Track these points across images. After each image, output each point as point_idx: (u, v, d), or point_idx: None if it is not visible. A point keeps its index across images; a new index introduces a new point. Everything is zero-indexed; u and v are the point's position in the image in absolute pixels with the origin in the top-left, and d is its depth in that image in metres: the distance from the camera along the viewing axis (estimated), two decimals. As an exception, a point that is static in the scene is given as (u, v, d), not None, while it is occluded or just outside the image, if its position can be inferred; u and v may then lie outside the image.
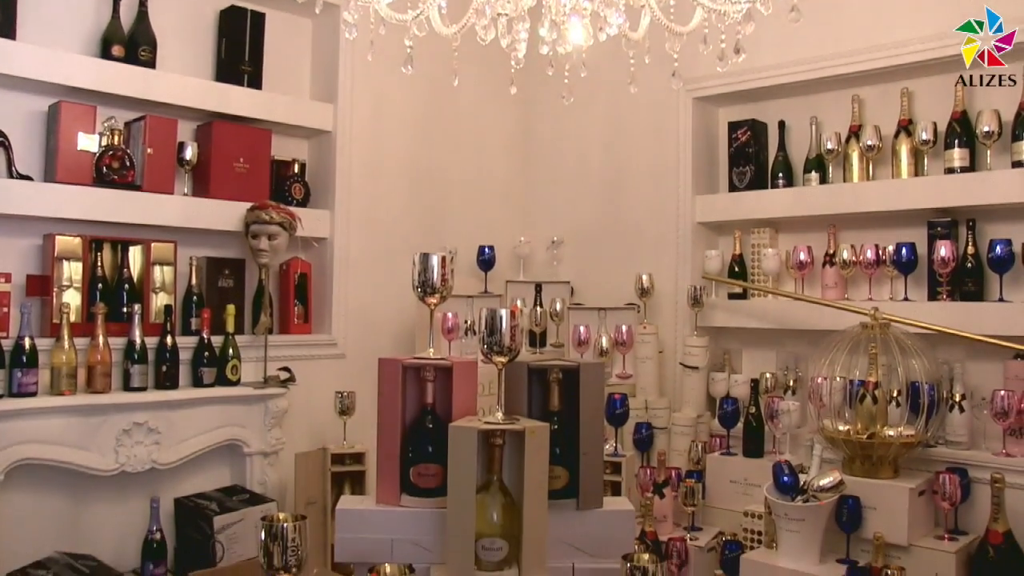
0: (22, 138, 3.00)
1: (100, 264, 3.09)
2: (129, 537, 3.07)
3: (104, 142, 3.08)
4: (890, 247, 3.30)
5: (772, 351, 3.72)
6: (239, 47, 3.48)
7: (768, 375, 3.46)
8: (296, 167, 3.71)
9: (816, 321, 3.38)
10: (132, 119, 3.21)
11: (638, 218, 4.08)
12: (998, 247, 3.01)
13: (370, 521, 1.96)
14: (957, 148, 3.14)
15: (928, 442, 2.99)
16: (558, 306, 3.86)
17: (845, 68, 3.41)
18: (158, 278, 3.19)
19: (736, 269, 3.77)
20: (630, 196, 4.12)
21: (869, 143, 3.39)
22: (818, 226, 3.56)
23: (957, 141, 3.14)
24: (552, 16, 1.96)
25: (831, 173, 3.54)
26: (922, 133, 3.23)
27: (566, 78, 2.19)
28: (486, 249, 4.02)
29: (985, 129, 3.05)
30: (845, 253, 3.42)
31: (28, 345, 2.78)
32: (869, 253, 3.34)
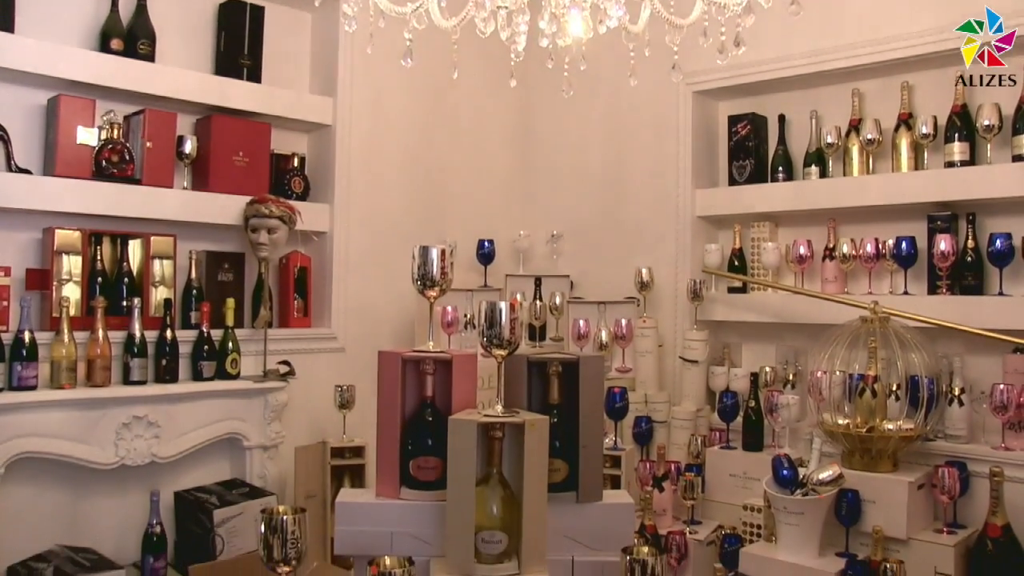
0: (21, 132, 3.00)
1: (100, 258, 3.09)
2: (129, 530, 3.07)
3: (103, 136, 3.07)
4: (890, 241, 3.29)
5: (772, 345, 3.72)
6: (238, 41, 3.47)
7: (768, 369, 3.45)
8: (296, 161, 3.70)
9: (816, 315, 3.38)
10: (131, 113, 3.21)
11: (638, 212, 4.07)
12: (998, 241, 3.01)
13: (370, 514, 1.96)
14: (957, 142, 3.14)
15: (927, 436, 3.00)
16: (558, 300, 3.86)
17: (845, 62, 3.40)
18: (158, 272, 3.19)
19: (736, 263, 3.76)
20: (630, 190, 4.12)
21: (869, 137, 3.38)
22: (818, 220, 3.56)
23: (957, 135, 3.14)
24: (552, 9, 1.96)
25: (831, 167, 3.54)
26: (922, 127, 3.23)
27: (566, 71, 2.19)
28: (485, 243, 4.02)
29: (985, 123, 3.05)
30: (845, 247, 3.42)
31: (28, 339, 2.78)
32: (869, 247, 3.34)
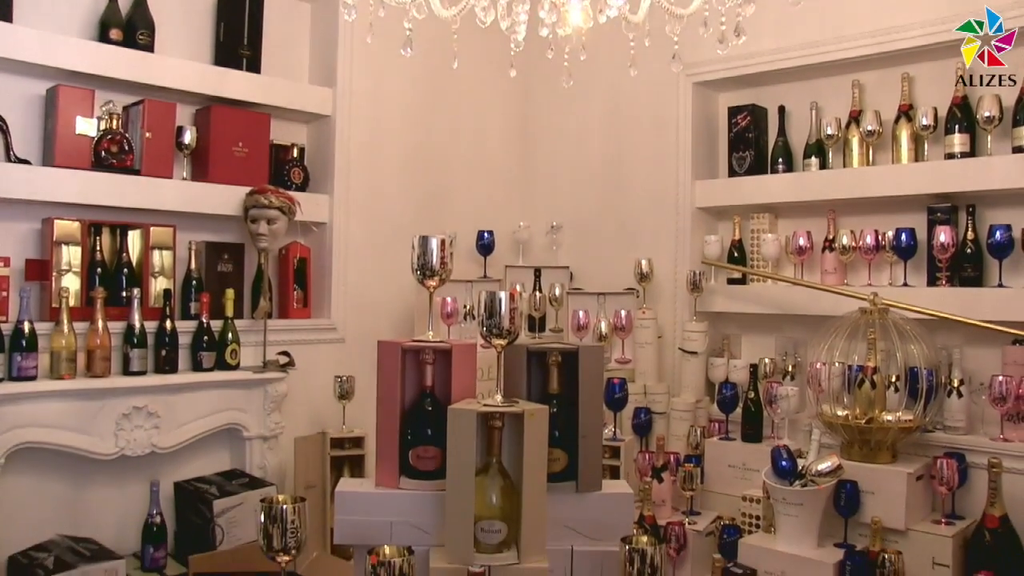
0: (20, 122, 2.99)
1: (99, 248, 3.09)
2: (129, 520, 3.08)
3: (102, 126, 3.06)
4: (890, 232, 3.29)
5: (771, 336, 3.72)
6: (238, 31, 3.46)
7: (767, 360, 3.46)
8: (295, 151, 3.70)
9: (815, 306, 3.38)
10: (130, 103, 3.20)
11: (637, 203, 4.07)
12: (998, 232, 3.00)
13: (369, 503, 1.96)
14: (958, 133, 3.13)
15: (926, 427, 3.00)
16: (557, 291, 3.87)
17: (845, 53, 3.39)
18: (157, 262, 3.19)
19: (735, 254, 3.76)
20: (630, 181, 4.11)
21: (869, 128, 3.38)
22: (818, 211, 3.56)
23: (958, 126, 3.14)
24: (552, -2, 1.95)
25: (831, 158, 3.53)
26: (922, 118, 3.22)
27: (566, 61, 2.19)
28: (485, 234, 4.01)
29: (986, 114, 3.05)
30: (845, 238, 3.42)
31: (27, 329, 2.78)
32: (869, 238, 3.34)
